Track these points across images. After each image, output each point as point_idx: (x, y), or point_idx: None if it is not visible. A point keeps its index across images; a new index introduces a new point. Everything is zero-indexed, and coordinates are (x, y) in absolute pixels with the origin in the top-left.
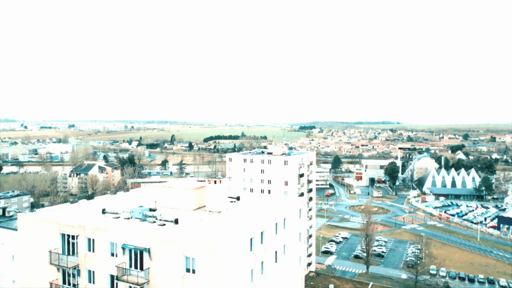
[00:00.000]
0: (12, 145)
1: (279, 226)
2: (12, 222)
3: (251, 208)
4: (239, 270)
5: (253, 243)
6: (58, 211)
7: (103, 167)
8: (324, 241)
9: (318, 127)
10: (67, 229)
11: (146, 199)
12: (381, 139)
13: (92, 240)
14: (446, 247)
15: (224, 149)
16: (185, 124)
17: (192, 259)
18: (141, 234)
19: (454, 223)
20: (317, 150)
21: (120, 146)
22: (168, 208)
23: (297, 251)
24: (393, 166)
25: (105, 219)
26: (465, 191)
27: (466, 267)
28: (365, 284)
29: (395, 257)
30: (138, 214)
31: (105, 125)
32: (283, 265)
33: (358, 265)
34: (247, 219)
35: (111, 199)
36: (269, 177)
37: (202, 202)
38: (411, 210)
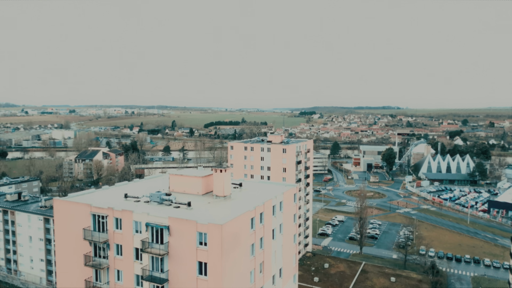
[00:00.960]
0: (14, 131)
1: (276, 209)
2: (28, 206)
3: (252, 193)
4: (242, 244)
5: (253, 222)
6: (87, 195)
7: (107, 153)
8: (321, 224)
9: (318, 112)
10: (97, 211)
11: (160, 185)
12: (380, 125)
13: (119, 220)
14: (437, 229)
15: (224, 135)
16: (185, 109)
17: (204, 234)
18: (161, 214)
19: (446, 207)
20: (316, 136)
21: (121, 131)
22: (180, 193)
23: (291, 230)
24: (390, 152)
25: (128, 202)
26: (459, 176)
27: (454, 248)
28: (358, 264)
29: (387, 239)
30: (156, 198)
31: (106, 110)
32: (280, 242)
33: (353, 246)
34: (248, 202)
35: (129, 185)
36: (268, 164)
37: (209, 188)
38: (406, 195)
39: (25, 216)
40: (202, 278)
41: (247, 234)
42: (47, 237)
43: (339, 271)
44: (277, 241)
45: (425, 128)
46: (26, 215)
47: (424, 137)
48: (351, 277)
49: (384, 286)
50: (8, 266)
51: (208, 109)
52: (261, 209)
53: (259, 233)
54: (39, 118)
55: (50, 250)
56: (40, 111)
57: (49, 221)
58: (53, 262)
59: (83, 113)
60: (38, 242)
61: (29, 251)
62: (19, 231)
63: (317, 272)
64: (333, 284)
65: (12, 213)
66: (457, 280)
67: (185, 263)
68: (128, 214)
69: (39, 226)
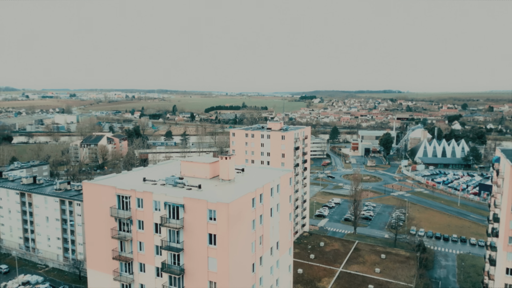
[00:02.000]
0: (17, 115)
1: (273, 190)
2: (44, 189)
3: (253, 177)
4: (245, 219)
5: (254, 201)
6: (111, 179)
7: (111, 138)
8: (318, 206)
9: (319, 96)
10: (122, 192)
11: (172, 170)
12: (380, 109)
13: (141, 200)
14: (428, 211)
15: (225, 120)
16: (186, 93)
17: (213, 211)
18: (176, 195)
19: (439, 190)
20: (316, 120)
21: (123, 116)
22: (190, 177)
23: (287, 209)
24: (387, 137)
25: (147, 185)
26: (454, 160)
27: (443, 228)
28: (351, 242)
29: (381, 220)
30: (171, 181)
31: (106, 94)
32: (277, 219)
33: (348, 226)
34: (250, 185)
35: (145, 170)
36: (268, 150)
37: (216, 173)
38: (401, 179)
39: (41, 198)
40: (212, 247)
41: (249, 212)
42: (63, 218)
43: (334, 249)
44: (274, 218)
45: (424, 112)
46: (43, 197)
47: (423, 121)
48: (345, 254)
49: (375, 262)
50: (27, 244)
51: (209, 93)
52: (260, 190)
53: (259, 211)
54: (40, 102)
55: (66, 229)
56: (40, 95)
57: (65, 203)
58: (69, 240)
59: (83, 97)
60: (55, 222)
61: (46, 230)
62: (36, 212)
63: (313, 250)
64: (327, 260)
65: (29, 196)
66: (444, 257)
67: (197, 235)
68: (149, 195)
69: (55, 208)
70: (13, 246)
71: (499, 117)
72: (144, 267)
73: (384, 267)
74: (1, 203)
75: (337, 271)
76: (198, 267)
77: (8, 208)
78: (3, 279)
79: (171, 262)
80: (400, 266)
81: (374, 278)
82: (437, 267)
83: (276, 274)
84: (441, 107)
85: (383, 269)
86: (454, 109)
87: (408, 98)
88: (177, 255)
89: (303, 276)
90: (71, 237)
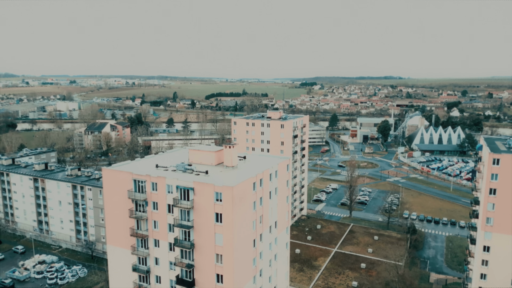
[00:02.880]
0: (19, 102)
1: (272, 176)
2: (56, 175)
3: (254, 164)
4: (247, 201)
5: (255, 185)
6: (126, 165)
7: (114, 125)
8: (316, 191)
9: (319, 83)
10: (138, 177)
11: (181, 158)
12: (380, 96)
13: (155, 184)
14: (422, 196)
15: (225, 107)
16: (186, 79)
17: (220, 193)
18: (187, 179)
19: (433, 176)
20: (316, 107)
21: (124, 103)
22: (198, 164)
23: (284, 193)
24: (385, 124)
25: (159, 170)
26: (450, 147)
27: (435, 212)
28: (347, 225)
29: (376, 204)
30: (181, 167)
31: (106, 81)
32: (275, 201)
33: (344, 210)
34: (251, 171)
35: (156, 157)
36: (268, 138)
37: (221, 160)
38: (397, 165)
39: (54, 184)
40: (218, 224)
41: (250, 194)
42: (75, 201)
43: (330, 231)
44: (273, 200)
45: (424, 99)
46: (56, 182)
47: (422, 108)
48: (340, 236)
49: (368, 243)
50: (40, 227)
51: (209, 79)
52: (260, 176)
53: (259, 194)
54: (41, 89)
55: (78, 213)
56: (40, 81)
57: (76, 188)
58: (81, 222)
59: (84, 84)
60: (67, 205)
61: (59, 214)
62: (49, 196)
63: (310, 232)
64: (323, 242)
65: (42, 181)
66: (433, 238)
67: (205, 214)
68: (162, 179)
69: (67, 192)
70: (27, 228)
71: (498, 103)
72: (158, 242)
73: (376, 248)
74: (15, 188)
75: (332, 251)
76: (206, 242)
77: (22, 193)
78: (20, 258)
79: (182, 238)
80: (392, 247)
81: (367, 258)
82: (426, 247)
83: (275, 250)
84: (441, 93)
85: (375, 250)
86: (454, 96)
87: (409, 84)
88: (188, 232)
89: (301, 256)
90: (83, 219)
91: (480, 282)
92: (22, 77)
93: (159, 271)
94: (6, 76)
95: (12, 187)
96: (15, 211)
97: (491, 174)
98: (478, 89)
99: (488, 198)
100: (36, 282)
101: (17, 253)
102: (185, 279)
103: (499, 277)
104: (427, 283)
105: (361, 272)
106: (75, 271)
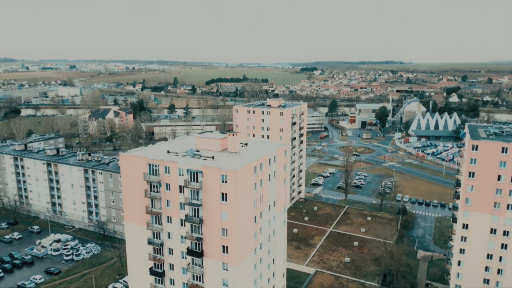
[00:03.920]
0: (20, 88)
1: (271, 161)
2: (68, 159)
3: (255, 150)
4: (249, 183)
5: (256, 169)
6: (141, 151)
7: (118, 111)
8: (314, 175)
9: (320, 68)
10: (152, 161)
11: (188, 144)
12: (380, 81)
13: (168, 167)
14: (415, 180)
15: (226, 93)
16: (186, 64)
17: (225, 175)
18: (196, 163)
19: (427, 160)
20: (316, 93)
21: (125, 89)
22: (204, 150)
23: (282, 176)
24: (383, 110)
25: (171, 156)
26: (445, 133)
27: (427, 195)
28: (342, 207)
29: (371, 188)
30: (190, 153)
31: (106, 65)
32: (273, 183)
33: (340, 194)
34: (252, 156)
35: (166, 143)
36: (268, 125)
37: (225, 146)
38: (393, 150)
39: (67, 168)
40: (224, 202)
41: (252, 176)
42: (87, 185)
43: (326, 213)
44: (271, 182)
45: (424, 84)
46: (68, 167)
47: (421, 94)
48: (335, 217)
49: (361, 223)
50: (54, 208)
51: (209, 64)
52: (261, 160)
53: (260, 176)
54: (41, 74)
55: (89, 195)
56: (40, 66)
57: (88, 172)
58: (92, 204)
59: (83, 69)
60: (79, 188)
61: (72, 196)
62: (62, 180)
63: (307, 213)
64: (320, 222)
65: (55, 165)
66: (423, 219)
67: (212, 193)
68: (174, 163)
69: (79, 176)
70: (41, 210)
71: (497, 89)
72: (170, 219)
73: (369, 228)
74: (28, 172)
75: (328, 231)
76: (213, 218)
77: (36, 177)
78: (36, 237)
79: (192, 215)
80: (383, 227)
81: (359, 237)
82: (416, 227)
83: (273, 226)
84: (441, 79)
85: (368, 229)
86: (454, 81)
87: (409, 69)
88: (197, 209)
89: (298, 235)
90: (94, 201)
91: (460, 256)
92: (21, 61)
93: (172, 244)
94: (6, 60)
95: (26, 171)
96: (29, 193)
97: (471, 159)
98: (479, 74)
99: (468, 181)
100: (53, 258)
101: (33, 233)
102: (195, 250)
103: (476, 251)
104: (415, 259)
105: (353, 249)
106: (89, 248)
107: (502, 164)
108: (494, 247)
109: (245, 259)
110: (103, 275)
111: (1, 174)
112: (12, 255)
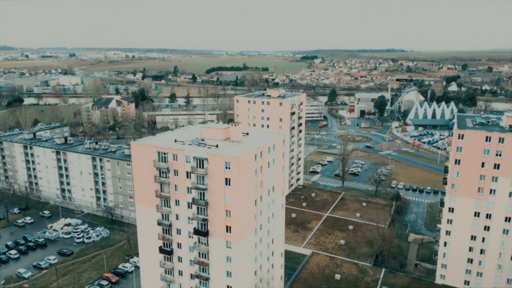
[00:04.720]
0: (21, 76)
1: (270, 149)
2: (76, 148)
3: (255, 139)
4: (250, 169)
5: (256, 157)
6: (150, 140)
7: (120, 100)
8: (313, 163)
9: (320, 56)
10: (161, 149)
11: (194, 134)
12: (380, 70)
13: (175, 155)
14: (410, 168)
15: (226, 82)
16: (186, 52)
17: (228, 162)
18: (201, 151)
19: (423, 149)
20: (316, 82)
21: (125, 77)
22: (209, 139)
23: (280, 163)
24: (381, 100)
25: (178, 144)
26: (442, 122)
27: (421, 182)
28: (339, 193)
29: (367, 175)
30: (196, 142)
31: (106, 54)
32: (272, 169)
33: (337, 181)
34: (253, 145)
35: (173, 132)
36: (267, 115)
37: (228, 136)
38: (390, 139)
39: (75, 156)
40: (227, 187)
41: (253, 163)
42: (95, 172)
43: (323, 199)
44: (271, 169)
45: (424, 73)
46: (77, 155)
47: (420, 83)
48: (332, 203)
49: (357, 209)
50: (63, 195)
51: (209, 52)
52: (261, 149)
53: (260, 163)
54: (41, 62)
55: (97, 182)
56: (39, 54)
57: (96, 159)
58: (100, 190)
59: (83, 57)
60: (88, 175)
61: (80, 183)
62: (71, 167)
63: (305, 199)
64: (317, 208)
65: (64, 153)
66: (416, 205)
67: (217, 178)
68: (182, 151)
69: (87, 163)
70: (51, 196)
71: (496, 78)
72: (178, 202)
73: (363, 213)
74: (38, 160)
75: (324, 215)
76: (218, 201)
77: (46, 164)
78: (48, 222)
79: (198, 198)
80: (377, 212)
81: (354, 221)
82: (408, 213)
83: (272, 209)
84: (441, 67)
85: (363, 214)
86: (454, 70)
87: (410, 58)
88: (203, 193)
89: (296, 219)
90: (102, 188)
91: (446, 238)
92: (20, 49)
93: (179, 224)
94: (5, 48)
95: (35, 159)
96: (39, 180)
97: (457, 147)
98: (479, 62)
99: (454, 167)
100: (65, 241)
101: (44, 217)
102: (201, 230)
103: (461, 233)
104: (406, 242)
105: (348, 232)
106: (99, 231)
107: (485, 152)
108: (478, 229)
109: (246, 238)
110: (113, 256)
111: (12, 162)
112: (26, 237)
